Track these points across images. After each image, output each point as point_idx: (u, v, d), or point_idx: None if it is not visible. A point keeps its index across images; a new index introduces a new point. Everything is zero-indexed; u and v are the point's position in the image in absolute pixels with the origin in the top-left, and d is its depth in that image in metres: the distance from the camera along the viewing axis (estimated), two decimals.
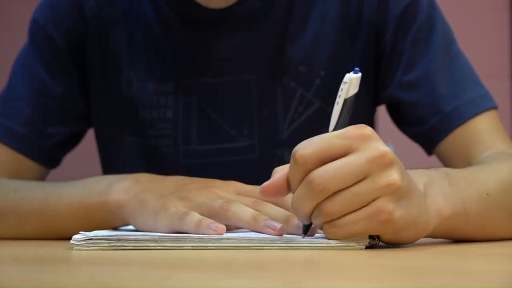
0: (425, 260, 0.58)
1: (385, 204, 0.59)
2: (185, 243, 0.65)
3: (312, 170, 0.60)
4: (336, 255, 0.59)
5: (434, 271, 0.49)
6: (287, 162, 0.63)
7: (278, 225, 0.66)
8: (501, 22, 2.32)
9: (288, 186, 0.63)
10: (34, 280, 0.47)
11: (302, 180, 0.61)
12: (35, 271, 0.52)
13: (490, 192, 0.72)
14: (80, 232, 0.67)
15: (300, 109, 0.96)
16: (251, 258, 0.58)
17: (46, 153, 1.00)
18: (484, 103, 0.93)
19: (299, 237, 0.64)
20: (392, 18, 0.94)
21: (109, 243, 0.66)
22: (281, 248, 0.63)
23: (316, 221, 0.62)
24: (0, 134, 0.99)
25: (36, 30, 1.01)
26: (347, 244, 0.62)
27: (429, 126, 0.93)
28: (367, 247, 0.62)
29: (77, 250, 0.65)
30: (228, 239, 0.64)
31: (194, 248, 0.64)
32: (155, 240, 0.65)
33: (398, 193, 0.60)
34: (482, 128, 0.91)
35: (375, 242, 0.62)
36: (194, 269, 0.52)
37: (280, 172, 0.63)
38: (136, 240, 0.65)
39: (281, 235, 0.66)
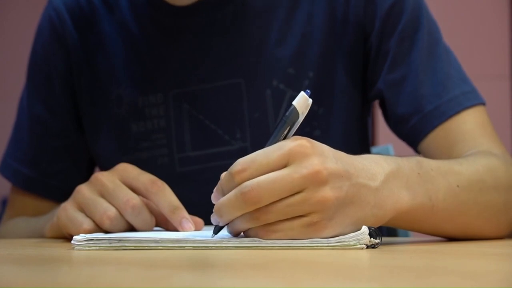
0: (425, 260, 0.58)
1: (319, 218, 0.62)
2: (186, 244, 0.65)
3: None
4: (336, 255, 0.59)
5: (434, 271, 0.49)
6: None
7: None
8: (501, 22, 2.32)
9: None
10: (34, 280, 0.47)
11: (233, 189, 0.63)
12: (35, 271, 0.52)
13: (462, 183, 0.72)
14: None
15: None
16: (251, 258, 0.58)
17: (55, 190, 1.04)
18: (466, 101, 0.91)
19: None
20: (378, 16, 0.95)
21: (110, 243, 0.66)
22: (281, 248, 0.63)
23: (242, 225, 0.63)
24: (11, 177, 1.05)
25: (32, 67, 1.06)
26: (347, 244, 0.62)
27: (410, 125, 0.93)
28: (367, 247, 0.62)
29: (78, 250, 0.65)
30: (229, 239, 0.64)
31: (194, 248, 0.64)
32: (155, 241, 0.65)
33: (331, 208, 0.62)
34: (465, 127, 0.90)
35: (376, 242, 0.62)
36: (194, 269, 0.52)
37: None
38: (137, 241, 0.65)
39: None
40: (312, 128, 0.96)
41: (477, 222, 0.75)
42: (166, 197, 0.75)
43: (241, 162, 0.63)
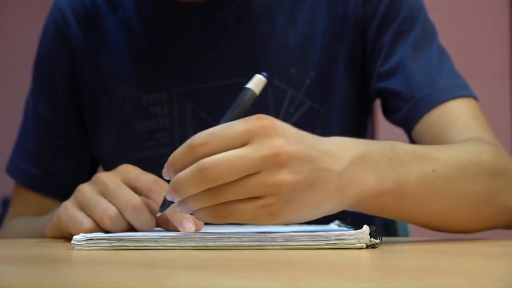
0: (425, 260, 0.58)
1: (273, 201, 0.61)
2: (186, 243, 0.65)
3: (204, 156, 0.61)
4: (336, 255, 0.59)
5: (434, 271, 0.49)
6: None
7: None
8: (501, 22, 2.32)
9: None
10: (34, 280, 0.47)
11: (191, 163, 0.61)
12: (35, 271, 0.52)
13: (438, 168, 0.71)
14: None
15: (291, 110, 0.96)
16: (251, 258, 0.58)
17: (58, 189, 1.05)
18: (459, 90, 0.92)
19: (298, 235, 0.64)
20: (377, 14, 0.96)
21: (109, 243, 0.66)
22: (281, 248, 0.63)
23: (196, 203, 0.62)
24: (17, 175, 1.06)
25: (37, 68, 1.07)
26: (347, 242, 0.62)
27: (403, 112, 0.93)
28: (367, 247, 0.62)
29: (77, 250, 0.65)
30: (229, 237, 0.64)
31: (194, 248, 0.64)
32: (155, 240, 0.65)
33: (287, 192, 0.61)
34: (457, 114, 0.90)
35: (376, 242, 0.63)
36: (194, 269, 0.52)
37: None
38: (137, 240, 0.65)
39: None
40: (313, 127, 0.97)
41: (455, 211, 0.73)
42: None
43: (202, 136, 0.62)
